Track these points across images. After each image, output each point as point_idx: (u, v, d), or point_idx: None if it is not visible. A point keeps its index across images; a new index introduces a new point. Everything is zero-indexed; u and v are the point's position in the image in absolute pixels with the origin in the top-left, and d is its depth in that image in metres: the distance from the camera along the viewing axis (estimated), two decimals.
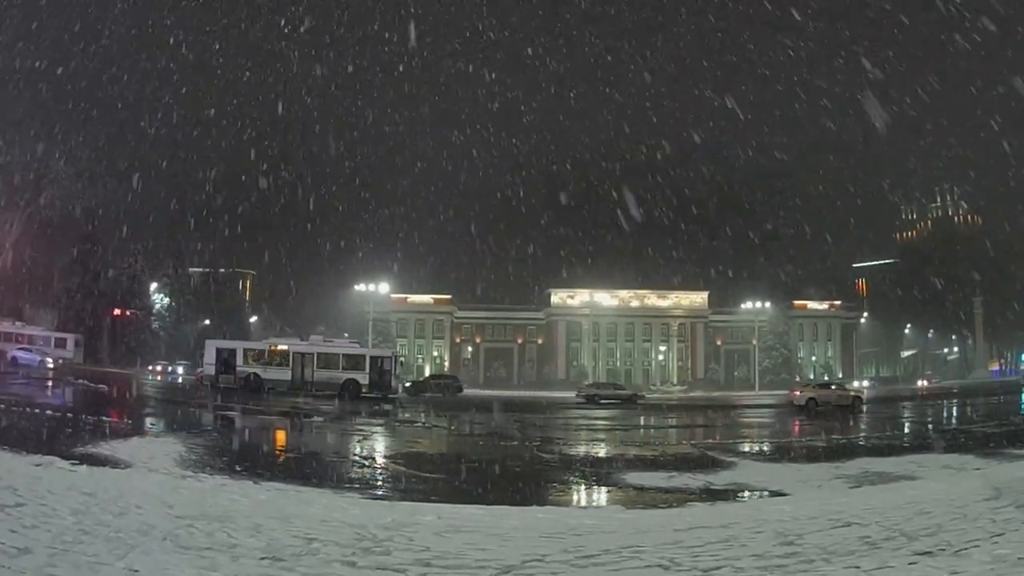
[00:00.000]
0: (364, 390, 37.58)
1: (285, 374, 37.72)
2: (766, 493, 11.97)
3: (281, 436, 21.23)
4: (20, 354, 43.47)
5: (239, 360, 37.75)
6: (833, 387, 42.62)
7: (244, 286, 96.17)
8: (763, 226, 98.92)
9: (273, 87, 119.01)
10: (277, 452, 17.69)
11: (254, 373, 37.40)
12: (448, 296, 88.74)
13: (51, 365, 42.76)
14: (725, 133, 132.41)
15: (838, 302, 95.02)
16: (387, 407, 33.29)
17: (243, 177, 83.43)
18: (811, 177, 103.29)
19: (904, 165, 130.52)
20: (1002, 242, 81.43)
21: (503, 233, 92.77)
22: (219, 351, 38.60)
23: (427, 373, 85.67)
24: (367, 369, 38.62)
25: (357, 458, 16.41)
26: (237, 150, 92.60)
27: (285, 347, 39.31)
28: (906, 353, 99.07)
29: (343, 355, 39.53)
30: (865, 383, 74.45)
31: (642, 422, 31.83)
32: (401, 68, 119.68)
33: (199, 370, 42.46)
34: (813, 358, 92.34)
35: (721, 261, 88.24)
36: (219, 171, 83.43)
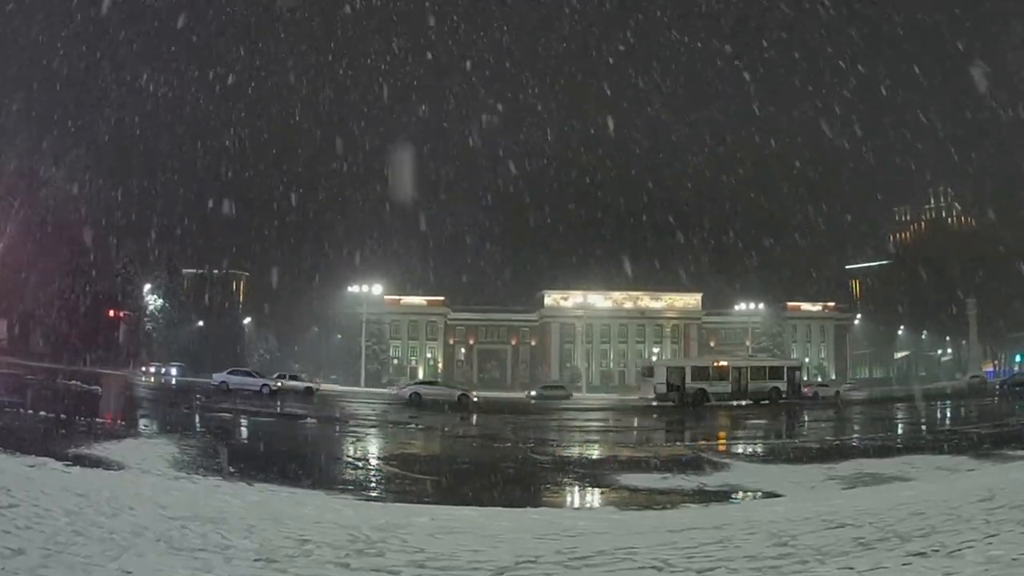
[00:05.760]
0: (783, 396, 42.58)
1: (725, 387, 42.77)
2: None
3: None
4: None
5: (688, 377, 42.70)
6: None
7: (237, 287, 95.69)
8: (757, 227, 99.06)
9: (270, 88, 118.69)
10: None
11: (701, 388, 42.16)
12: (442, 297, 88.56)
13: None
14: (721, 133, 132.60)
15: (831, 303, 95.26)
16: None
17: (238, 178, 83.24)
18: (805, 178, 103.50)
19: (897, 166, 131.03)
20: (996, 243, 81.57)
21: (497, 235, 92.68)
22: (668, 370, 44.26)
23: (420, 375, 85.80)
24: (784, 378, 43.72)
25: None
26: (232, 150, 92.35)
27: (726, 363, 45.37)
28: (899, 354, 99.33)
29: (769, 367, 45.80)
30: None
31: None
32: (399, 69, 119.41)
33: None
34: (807, 359, 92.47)
35: (714, 262, 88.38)
36: (213, 172, 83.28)
